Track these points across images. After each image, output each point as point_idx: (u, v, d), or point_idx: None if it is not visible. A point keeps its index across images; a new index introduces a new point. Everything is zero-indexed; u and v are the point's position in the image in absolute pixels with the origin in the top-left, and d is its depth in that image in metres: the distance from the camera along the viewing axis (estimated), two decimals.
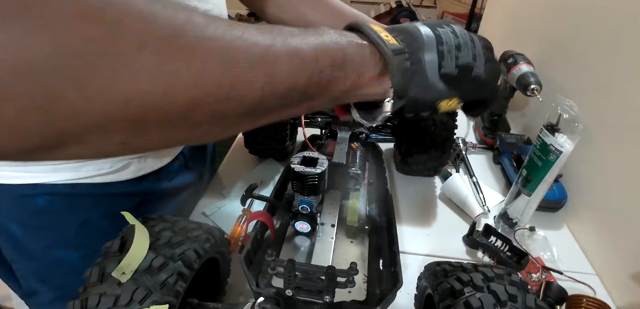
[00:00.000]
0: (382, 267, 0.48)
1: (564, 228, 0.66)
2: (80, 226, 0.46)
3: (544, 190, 0.57)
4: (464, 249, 0.61)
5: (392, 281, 0.42)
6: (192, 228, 0.39)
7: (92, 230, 0.47)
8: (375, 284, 0.46)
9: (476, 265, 0.36)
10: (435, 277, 0.37)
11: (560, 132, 0.53)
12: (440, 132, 0.64)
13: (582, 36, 0.71)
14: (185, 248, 0.35)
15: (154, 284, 0.32)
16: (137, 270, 0.32)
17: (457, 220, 0.66)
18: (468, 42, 0.30)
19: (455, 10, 3.95)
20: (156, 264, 0.33)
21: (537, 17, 0.92)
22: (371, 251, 0.51)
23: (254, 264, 0.44)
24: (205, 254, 0.38)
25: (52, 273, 0.47)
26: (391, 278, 0.43)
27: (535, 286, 0.54)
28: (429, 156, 0.66)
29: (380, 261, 0.48)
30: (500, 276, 0.33)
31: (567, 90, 0.73)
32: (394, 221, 0.49)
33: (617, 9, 0.62)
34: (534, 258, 0.58)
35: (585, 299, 0.49)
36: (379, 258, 0.49)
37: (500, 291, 0.31)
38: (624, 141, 0.56)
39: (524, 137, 0.83)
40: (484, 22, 1.35)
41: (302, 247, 0.50)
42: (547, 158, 0.54)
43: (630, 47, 0.57)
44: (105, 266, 0.32)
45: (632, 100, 0.56)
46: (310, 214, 0.48)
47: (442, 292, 0.34)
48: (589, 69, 0.67)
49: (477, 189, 0.71)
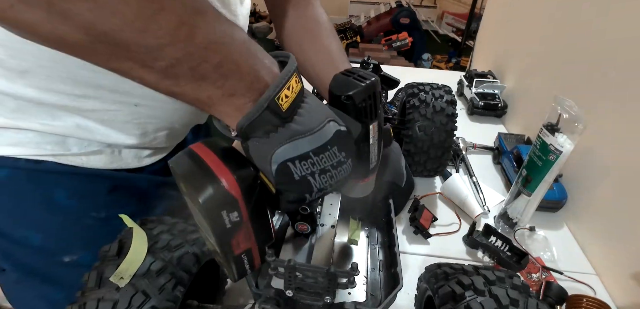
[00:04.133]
0: (382, 268, 0.48)
1: (564, 228, 0.66)
2: (43, 205, 0.44)
3: (544, 190, 0.57)
4: (464, 249, 0.61)
5: (392, 282, 0.42)
6: (191, 230, 0.39)
7: (57, 210, 0.44)
8: (375, 286, 0.46)
9: (477, 268, 0.36)
10: (435, 280, 0.36)
11: (560, 132, 0.53)
12: (440, 133, 0.64)
13: (582, 36, 0.71)
14: (183, 252, 0.35)
15: (152, 288, 0.31)
16: (135, 274, 0.32)
17: (457, 220, 0.66)
18: (333, 176, 0.30)
19: (455, 10, 3.96)
20: (154, 269, 0.32)
21: (537, 16, 0.92)
22: (371, 252, 0.51)
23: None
24: (204, 257, 0.38)
25: (15, 251, 0.45)
26: (391, 279, 0.43)
27: (535, 286, 0.54)
28: (429, 158, 0.66)
29: (381, 262, 0.48)
30: (502, 279, 0.33)
31: (567, 89, 0.73)
32: (394, 222, 0.49)
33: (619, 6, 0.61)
34: (534, 258, 0.58)
35: (585, 299, 0.49)
36: (379, 259, 0.49)
37: (501, 295, 0.31)
38: (624, 140, 0.56)
39: (524, 136, 0.83)
40: (484, 22, 1.35)
41: (302, 248, 0.50)
42: (547, 158, 0.53)
43: (630, 46, 0.57)
44: (103, 270, 0.32)
45: (632, 100, 0.55)
46: (310, 215, 0.48)
47: (443, 296, 0.33)
48: (589, 68, 0.67)
49: (477, 189, 0.71)
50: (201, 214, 0.28)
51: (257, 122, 0.26)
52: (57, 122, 0.40)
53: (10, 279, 0.47)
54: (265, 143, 0.27)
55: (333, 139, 0.29)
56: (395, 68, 1.38)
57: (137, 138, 0.46)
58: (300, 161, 0.28)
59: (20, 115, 0.39)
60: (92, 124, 0.42)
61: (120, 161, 0.47)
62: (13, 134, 0.40)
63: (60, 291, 0.45)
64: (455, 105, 0.65)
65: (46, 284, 0.46)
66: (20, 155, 0.41)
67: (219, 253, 0.31)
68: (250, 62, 0.26)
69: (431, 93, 0.65)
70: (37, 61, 0.36)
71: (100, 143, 0.44)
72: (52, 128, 0.40)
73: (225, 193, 0.27)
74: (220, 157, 0.28)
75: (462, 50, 3.01)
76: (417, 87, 0.68)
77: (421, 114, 0.64)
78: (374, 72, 0.79)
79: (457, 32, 3.73)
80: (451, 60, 3.10)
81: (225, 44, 0.24)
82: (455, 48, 3.24)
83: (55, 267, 0.46)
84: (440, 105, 0.64)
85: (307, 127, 0.28)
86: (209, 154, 0.29)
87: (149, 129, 0.46)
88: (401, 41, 2.83)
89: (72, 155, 0.43)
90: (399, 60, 2.74)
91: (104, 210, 0.47)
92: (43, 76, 0.37)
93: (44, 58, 0.36)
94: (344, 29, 3.02)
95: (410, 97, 0.66)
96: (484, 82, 1.02)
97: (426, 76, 1.08)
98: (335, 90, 0.32)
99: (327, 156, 0.29)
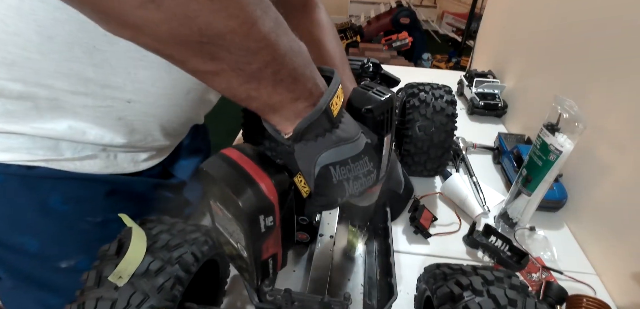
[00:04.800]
0: (379, 277, 0.48)
1: (564, 228, 0.66)
2: (38, 210, 0.43)
3: (544, 189, 0.57)
4: (464, 249, 0.61)
5: (388, 292, 0.42)
6: (190, 231, 0.39)
7: (52, 216, 0.44)
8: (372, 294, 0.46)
9: (476, 268, 0.36)
10: (434, 280, 0.36)
11: (560, 132, 0.53)
12: (439, 134, 0.64)
13: (582, 35, 0.71)
14: (182, 252, 0.35)
15: (151, 288, 0.31)
16: (134, 274, 0.32)
17: (457, 220, 0.66)
18: (362, 184, 0.33)
19: (455, 10, 3.96)
20: (153, 268, 0.32)
21: (537, 16, 0.92)
22: (368, 260, 0.51)
23: None
24: (203, 257, 0.38)
25: (10, 258, 0.45)
26: (388, 288, 0.43)
27: (535, 286, 0.54)
28: (429, 158, 0.66)
29: (377, 271, 0.49)
30: (500, 279, 0.33)
31: (567, 89, 0.72)
32: (390, 230, 0.49)
33: (619, 6, 0.61)
34: (534, 258, 0.58)
35: (585, 299, 0.49)
36: (376, 268, 0.49)
37: (500, 295, 0.31)
38: (624, 140, 0.56)
39: (524, 136, 0.83)
40: (484, 22, 1.35)
41: (302, 256, 0.50)
42: (547, 158, 0.53)
43: (630, 46, 0.57)
44: (102, 270, 0.32)
45: (632, 100, 0.55)
46: (309, 225, 0.49)
47: (441, 296, 0.33)
48: (589, 68, 0.67)
49: (477, 189, 0.71)
50: (238, 218, 0.29)
51: (314, 124, 0.28)
52: (48, 124, 0.39)
53: (6, 286, 0.47)
54: (313, 147, 0.29)
55: (365, 149, 0.32)
56: (395, 68, 1.38)
57: (130, 135, 0.44)
58: (340, 166, 0.30)
59: (9, 118, 0.38)
60: (84, 125, 0.41)
61: (116, 166, 0.46)
62: (4, 139, 0.39)
63: (57, 296, 0.45)
64: (455, 105, 0.65)
65: (43, 290, 0.46)
66: (11, 161, 0.40)
67: (246, 258, 0.32)
68: (310, 70, 0.28)
69: (431, 93, 0.65)
70: (23, 53, 0.35)
71: (94, 146, 0.43)
72: (44, 132, 0.40)
73: (264, 198, 0.28)
74: (257, 162, 0.30)
75: (462, 50, 3.01)
76: (417, 87, 0.68)
77: (421, 114, 0.64)
78: (374, 72, 0.79)
79: (457, 31, 3.73)
80: (451, 60, 3.10)
81: (296, 52, 0.26)
82: (455, 48, 3.24)
83: (52, 272, 0.45)
84: (440, 105, 0.64)
85: (348, 134, 0.30)
86: (244, 159, 0.30)
87: (143, 127, 0.45)
88: (401, 41, 2.83)
89: (66, 160, 0.43)
90: (399, 60, 2.74)
91: (101, 214, 0.46)
92: (30, 69, 0.36)
93: (31, 50, 0.35)
94: (344, 28, 3.01)
95: (410, 97, 0.66)
96: (484, 81, 1.02)
97: (426, 76, 1.08)
98: (355, 102, 0.34)
99: (361, 165, 0.32)
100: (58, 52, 0.36)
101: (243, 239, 0.30)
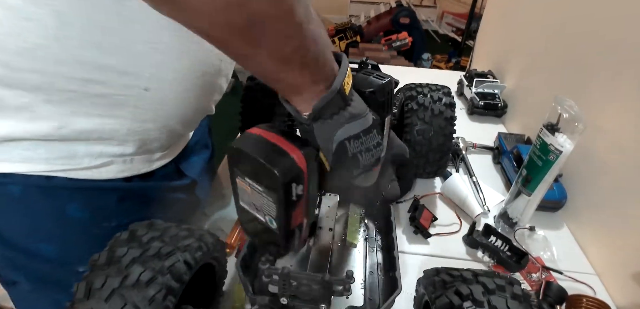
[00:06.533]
0: (380, 272, 0.47)
1: (564, 228, 0.66)
2: (56, 218, 0.44)
3: (544, 189, 0.57)
4: (464, 249, 0.61)
5: (390, 286, 0.42)
6: (183, 236, 0.38)
7: (70, 223, 0.45)
8: (373, 289, 0.45)
9: (477, 275, 0.35)
10: (433, 288, 0.36)
11: (560, 132, 0.53)
12: (438, 137, 0.63)
13: (582, 36, 0.71)
14: (174, 260, 0.34)
15: (142, 300, 0.30)
16: (125, 285, 0.31)
17: (457, 220, 0.66)
18: (373, 155, 0.36)
19: (455, 10, 3.95)
20: (144, 279, 0.31)
21: (537, 16, 0.92)
22: (369, 254, 0.50)
23: (251, 269, 0.44)
24: (197, 264, 0.37)
25: (29, 264, 0.46)
26: (390, 283, 0.43)
27: (535, 286, 0.54)
28: (428, 161, 0.66)
29: (379, 266, 0.48)
30: (502, 288, 0.32)
31: (567, 89, 0.72)
32: (393, 225, 0.48)
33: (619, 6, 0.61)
34: (534, 258, 0.58)
35: (585, 299, 0.49)
36: (377, 263, 0.49)
37: (500, 306, 0.30)
38: (624, 140, 0.56)
39: (524, 136, 0.83)
40: (484, 22, 1.35)
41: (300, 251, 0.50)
42: (547, 158, 0.53)
43: (630, 46, 0.57)
44: (92, 281, 0.31)
45: (632, 100, 0.55)
46: None
47: (441, 307, 0.33)
48: (589, 68, 0.67)
49: (477, 189, 0.71)
50: (271, 188, 0.31)
51: (330, 104, 0.31)
52: (65, 121, 0.39)
53: (23, 290, 0.48)
54: (330, 124, 0.32)
55: (374, 124, 0.35)
56: (395, 68, 1.38)
57: (148, 123, 0.44)
58: (354, 140, 0.33)
59: (28, 114, 0.38)
60: (98, 121, 0.41)
61: (131, 169, 0.48)
62: (22, 151, 0.40)
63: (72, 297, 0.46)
64: (454, 107, 0.64)
65: (61, 292, 0.46)
66: (31, 172, 0.41)
67: (274, 229, 0.35)
68: (327, 53, 0.31)
69: (430, 96, 0.64)
70: (39, 41, 0.34)
71: (110, 155, 0.44)
72: (61, 134, 0.40)
73: (296, 167, 0.31)
74: (285, 137, 0.33)
75: (462, 50, 3.01)
76: (415, 89, 0.66)
77: (419, 118, 0.62)
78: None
79: (457, 31, 3.72)
80: (451, 60, 3.09)
81: (318, 38, 0.28)
82: (455, 48, 3.24)
83: (69, 275, 0.45)
84: (438, 108, 0.62)
85: (359, 110, 0.33)
86: (272, 135, 0.33)
87: (158, 117, 0.45)
88: (401, 41, 2.82)
89: (83, 169, 0.43)
90: (399, 60, 2.73)
91: (115, 219, 0.48)
92: (46, 58, 0.35)
93: (48, 37, 0.34)
94: (344, 28, 3.01)
95: (409, 100, 0.65)
96: (484, 81, 1.02)
97: (426, 76, 1.08)
98: (358, 86, 0.36)
99: (370, 138, 0.35)
100: (74, 37, 0.36)
101: (274, 209, 0.32)
